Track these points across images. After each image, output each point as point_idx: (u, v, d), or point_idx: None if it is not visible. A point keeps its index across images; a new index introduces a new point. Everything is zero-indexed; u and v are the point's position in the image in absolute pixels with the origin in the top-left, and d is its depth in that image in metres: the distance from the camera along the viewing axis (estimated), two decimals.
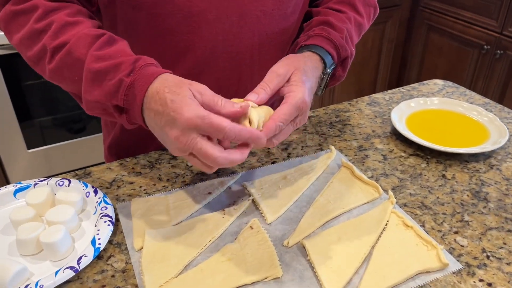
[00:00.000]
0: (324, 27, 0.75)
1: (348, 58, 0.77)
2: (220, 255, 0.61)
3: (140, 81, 0.58)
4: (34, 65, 0.69)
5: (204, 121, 0.53)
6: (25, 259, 0.60)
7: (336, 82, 0.79)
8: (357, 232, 0.64)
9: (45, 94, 1.87)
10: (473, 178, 0.77)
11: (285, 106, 0.62)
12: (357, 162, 0.81)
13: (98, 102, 0.61)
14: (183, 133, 0.54)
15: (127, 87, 0.58)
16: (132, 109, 0.59)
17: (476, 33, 2.19)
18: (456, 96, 1.05)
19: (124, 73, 0.59)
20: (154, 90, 0.57)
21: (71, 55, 0.62)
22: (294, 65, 0.66)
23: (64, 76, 0.64)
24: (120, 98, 0.59)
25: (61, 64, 0.63)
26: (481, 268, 0.59)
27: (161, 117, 0.56)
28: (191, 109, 0.53)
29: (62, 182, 0.71)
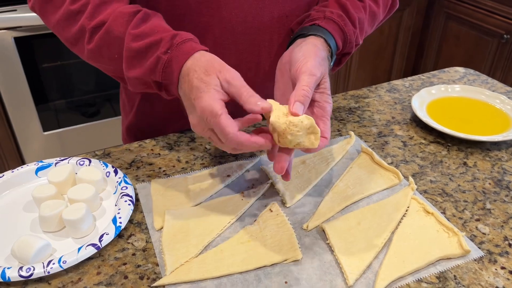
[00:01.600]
0: (342, 14, 0.72)
1: (349, 55, 0.76)
2: (240, 236, 0.61)
3: (177, 59, 0.59)
4: (72, 46, 0.69)
5: (214, 119, 0.53)
6: (47, 235, 0.61)
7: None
8: (377, 218, 0.64)
9: (61, 77, 1.88)
10: (495, 166, 0.76)
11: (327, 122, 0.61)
12: (376, 148, 0.80)
13: (139, 79, 0.63)
14: (198, 121, 0.56)
15: (164, 65, 0.59)
16: (170, 85, 0.60)
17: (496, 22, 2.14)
18: (478, 84, 1.03)
19: (162, 50, 0.59)
20: (186, 70, 0.57)
21: (110, 34, 0.63)
22: (325, 67, 0.64)
23: (103, 55, 0.65)
24: (158, 75, 0.60)
25: (101, 43, 0.64)
26: (503, 256, 0.59)
27: (186, 98, 0.58)
28: (209, 101, 0.54)
29: (83, 162, 0.72)
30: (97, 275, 0.56)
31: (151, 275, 0.56)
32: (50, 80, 1.86)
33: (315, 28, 0.70)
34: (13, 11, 1.65)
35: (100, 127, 2.07)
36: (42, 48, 1.77)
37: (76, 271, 0.56)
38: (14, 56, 1.70)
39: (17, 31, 1.67)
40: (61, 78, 1.89)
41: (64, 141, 1.99)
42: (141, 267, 0.57)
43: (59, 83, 1.89)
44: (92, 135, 2.07)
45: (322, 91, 0.63)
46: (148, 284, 0.55)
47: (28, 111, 1.84)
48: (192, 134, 0.83)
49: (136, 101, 0.88)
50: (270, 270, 0.57)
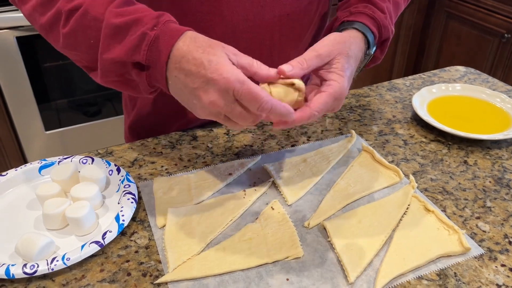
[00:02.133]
0: (367, 5, 0.71)
1: (388, 39, 0.74)
2: (241, 234, 0.62)
3: (165, 36, 0.54)
4: (47, 33, 0.64)
5: (242, 87, 0.51)
6: (51, 233, 0.62)
7: (373, 63, 0.76)
8: (378, 216, 0.64)
9: (63, 76, 1.89)
10: (496, 164, 0.76)
11: (324, 95, 0.59)
12: (377, 146, 0.81)
13: (116, 63, 0.57)
14: (219, 96, 0.52)
15: (151, 41, 0.54)
16: (155, 67, 0.55)
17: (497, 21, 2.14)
18: (478, 83, 1.03)
19: (148, 26, 0.55)
20: (185, 49, 0.53)
21: (87, 16, 0.58)
22: (339, 49, 0.62)
23: (79, 41, 0.60)
24: (142, 53, 0.55)
25: (76, 26, 0.59)
26: (503, 253, 0.59)
27: (193, 78, 0.53)
28: (230, 70, 0.51)
29: (86, 160, 0.72)
30: (100, 272, 0.56)
31: (154, 272, 0.56)
32: (52, 80, 1.87)
33: (344, 24, 0.70)
34: (15, 10, 1.66)
35: (101, 127, 2.08)
36: (44, 47, 1.77)
37: (79, 268, 0.57)
38: (16, 55, 1.71)
39: (19, 30, 1.68)
40: (63, 77, 1.89)
41: (66, 141, 2.00)
42: (144, 264, 0.58)
43: (61, 82, 1.90)
44: (94, 135, 2.07)
45: (331, 70, 0.61)
46: (151, 281, 0.55)
47: (30, 110, 1.85)
48: (194, 133, 0.84)
49: (138, 100, 0.89)
50: (271, 268, 0.57)
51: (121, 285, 0.55)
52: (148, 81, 0.58)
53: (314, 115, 0.57)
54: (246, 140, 0.82)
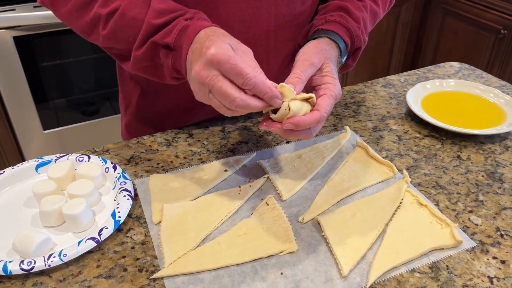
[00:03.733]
0: (343, 14, 0.74)
1: (360, 49, 0.76)
2: (237, 229, 0.62)
3: (194, 26, 0.59)
4: (87, 36, 0.70)
5: (229, 61, 0.53)
6: (48, 230, 0.62)
7: (344, 70, 0.78)
8: (372, 210, 0.65)
9: (60, 76, 1.89)
10: (488, 159, 0.77)
11: (326, 97, 0.61)
12: (371, 142, 0.81)
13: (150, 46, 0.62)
14: (205, 67, 0.54)
15: (182, 28, 0.60)
16: (180, 51, 0.60)
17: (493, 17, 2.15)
18: (473, 78, 1.04)
19: (184, 17, 0.61)
20: (202, 34, 0.58)
21: (125, 16, 0.63)
22: (325, 55, 0.66)
23: (119, 39, 0.65)
24: (172, 36, 0.60)
25: (116, 27, 0.64)
26: (494, 246, 0.60)
27: (194, 53, 0.57)
28: (221, 47, 0.54)
29: (82, 158, 0.73)
30: (97, 268, 0.57)
31: (150, 268, 0.57)
32: (50, 79, 1.87)
33: (319, 32, 0.72)
34: (12, 10, 1.66)
35: (100, 126, 2.08)
36: (41, 47, 1.78)
37: (76, 264, 0.58)
38: (13, 55, 1.71)
39: (16, 30, 1.68)
40: (60, 76, 1.90)
41: (64, 140, 2.01)
42: (140, 260, 0.58)
43: (58, 82, 1.90)
44: (92, 134, 2.08)
45: (324, 75, 0.64)
46: (147, 276, 0.56)
47: (28, 110, 1.85)
48: (190, 130, 0.84)
49: (134, 98, 0.89)
50: (266, 262, 0.58)
51: (117, 280, 0.55)
52: (173, 64, 0.62)
53: (323, 116, 0.60)
54: (242, 137, 0.83)
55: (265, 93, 0.55)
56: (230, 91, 0.54)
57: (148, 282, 0.55)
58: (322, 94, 0.62)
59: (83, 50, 1.87)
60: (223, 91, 0.54)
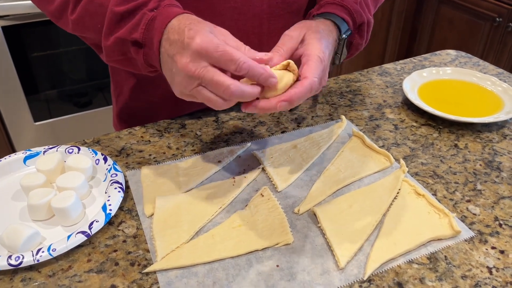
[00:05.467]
0: None
1: (364, 24, 0.73)
2: (231, 221, 0.61)
3: (162, 17, 0.56)
4: (57, 19, 0.68)
5: (217, 49, 0.51)
6: (37, 224, 0.61)
7: (355, 51, 0.76)
8: (369, 200, 0.64)
9: (51, 66, 1.86)
10: (486, 147, 0.76)
11: (310, 62, 0.59)
12: (368, 131, 0.80)
13: (118, 42, 0.60)
14: (192, 59, 0.52)
15: (148, 21, 0.57)
16: (150, 46, 0.58)
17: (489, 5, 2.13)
18: (469, 66, 1.03)
19: (148, 8, 0.58)
20: (176, 23, 0.55)
21: (93, 2, 0.61)
22: (307, 27, 0.64)
23: (87, 26, 0.64)
24: (140, 32, 0.58)
25: (83, 12, 0.62)
26: (493, 236, 0.59)
27: (174, 45, 0.54)
28: (205, 37, 0.52)
29: (72, 150, 0.71)
30: (87, 263, 0.56)
31: (142, 261, 0.56)
32: (40, 70, 1.84)
33: (315, 17, 0.70)
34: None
35: (92, 117, 2.06)
36: (31, 37, 1.74)
37: (66, 259, 0.56)
38: (2, 45, 1.67)
39: (5, 20, 1.65)
40: (51, 67, 1.87)
41: (56, 131, 1.98)
42: (132, 253, 0.57)
43: (49, 72, 1.87)
44: (84, 125, 2.05)
45: (306, 43, 0.62)
46: (139, 270, 0.55)
47: (18, 102, 1.82)
48: (182, 121, 0.82)
49: (126, 87, 0.87)
50: (261, 254, 0.56)
51: (108, 275, 0.54)
52: (145, 59, 0.60)
53: (314, 81, 0.57)
54: (236, 127, 0.81)
55: (260, 75, 0.53)
56: (223, 79, 0.52)
57: (141, 276, 0.54)
58: (306, 60, 0.59)
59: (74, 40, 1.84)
60: (216, 80, 0.52)
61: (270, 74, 0.54)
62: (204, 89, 0.54)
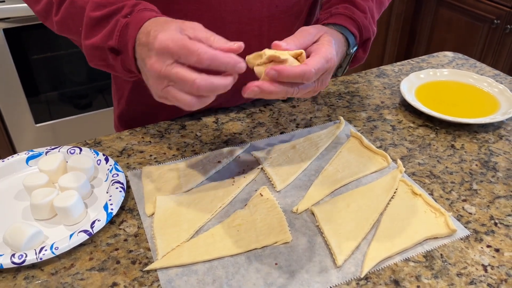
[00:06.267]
0: (347, 6, 0.72)
1: (370, 39, 0.74)
2: (231, 220, 0.62)
3: (134, 22, 0.57)
4: (44, 20, 0.70)
5: (176, 43, 0.50)
6: (39, 223, 0.62)
7: (356, 63, 0.76)
8: (366, 200, 0.65)
9: (52, 68, 1.87)
10: (482, 148, 0.77)
11: (316, 56, 0.58)
12: (366, 132, 0.81)
13: (96, 48, 0.61)
14: (157, 58, 0.52)
15: (122, 27, 0.58)
16: (126, 52, 0.58)
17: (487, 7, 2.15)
18: (466, 68, 1.04)
19: (122, 14, 0.59)
20: (146, 26, 0.55)
21: (74, 4, 0.62)
22: (324, 30, 0.64)
23: (70, 28, 0.65)
24: (115, 39, 0.58)
25: (66, 14, 0.64)
26: (488, 235, 0.60)
27: (143, 49, 0.54)
28: (167, 33, 0.51)
29: (74, 150, 0.72)
30: (89, 261, 0.56)
31: (143, 260, 0.57)
32: (41, 72, 1.85)
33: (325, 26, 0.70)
34: (1, 2, 1.64)
35: (92, 118, 2.07)
36: (32, 39, 1.75)
37: (68, 257, 0.57)
38: (3, 48, 1.69)
39: (6, 22, 1.66)
40: (52, 69, 1.88)
41: (57, 133, 1.99)
42: (133, 252, 0.58)
43: (50, 74, 1.88)
44: (85, 127, 2.06)
45: (320, 43, 0.61)
46: (140, 268, 0.56)
47: (19, 103, 1.83)
48: (182, 122, 0.83)
49: (126, 89, 0.88)
50: (260, 253, 0.57)
51: (110, 273, 0.55)
52: (123, 66, 0.60)
53: (310, 71, 0.55)
54: (235, 128, 0.82)
55: (227, 64, 0.51)
56: (187, 74, 0.50)
57: (141, 274, 0.55)
58: (313, 56, 0.58)
59: None
60: (180, 75, 0.50)
61: (236, 60, 0.51)
62: (173, 88, 0.52)
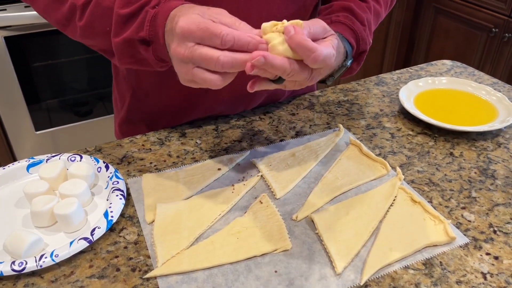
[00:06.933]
0: (348, 15, 0.72)
1: (365, 52, 0.74)
2: (230, 228, 0.62)
3: (163, 11, 0.58)
4: (64, 27, 0.69)
5: (199, 27, 0.51)
6: (39, 230, 0.62)
7: (348, 74, 0.76)
8: (365, 207, 0.65)
9: (52, 76, 1.88)
10: (481, 156, 0.77)
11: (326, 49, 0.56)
12: (365, 140, 0.81)
13: (126, 42, 0.61)
14: (179, 42, 0.53)
15: (151, 17, 0.59)
16: (157, 41, 0.59)
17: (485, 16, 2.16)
18: (465, 76, 1.04)
19: (151, 6, 0.60)
20: (172, 14, 0.56)
21: (100, 6, 0.63)
22: (333, 32, 0.62)
23: (96, 30, 0.65)
24: (145, 30, 0.59)
25: (92, 17, 0.64)
26: (488, 242, 0.60)
27: (169, 35, 0.56)
28: (188, 17, 0.52)
29: (74, 158, 0.72)
30: (89, 268, 0.57)
31: (143, 267, 0.57)
32: (42, 79, 1.86)
33: None
34: (3, 10, 1.65)
35: (93, 126, 2.07)
36: (33, 47, 1.76)
37: (68, 264, 0.57)
38: (4, 55, 1.70)
39: (8, 30, 1.67)
40: (52, 77, 1.89)
41: (57, 141, 1.99)
42: (133, 259, 0.58)
43: (51, 82, 1.89)
44: (85, 134, 2.07)
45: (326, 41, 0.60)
46: (140, 276, 0.56)
47: (20, 111, 1.84)
48: (183, 129, 0.84)
49: (127, 97, 0.89)
50: (260, 260, 0.57)
51: (110, 280, 0.55)
52: (155, 55, 0.61)
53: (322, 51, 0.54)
54: (235, 136, 0.82)
55: (248, 43, 0.52)
56: (211, 52, 0.51)
57: (141, 282, 0.55)
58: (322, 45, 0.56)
59: (75, 50, 1.86)
60: (204, 55, 0.51)
61: (258, 39, 0.53)
62: (199, 69, 0.53)
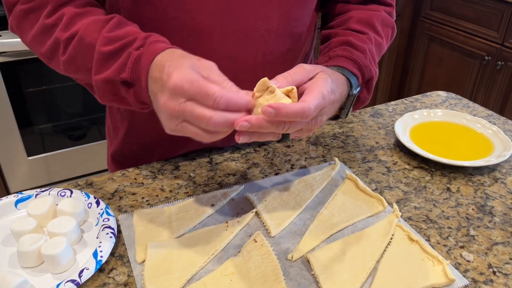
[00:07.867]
0: (346, 47, 0.72)
1: (373, 79, 0.73)
2: (223, 268, 0.60)
3: (147, 54, 0.56)
4: (49, 61, 0.69)
5: (192, 85, 0.50)
6: (25, 271, 0.60)
7: (361, 105, 0.75)
8: (362, 246, 0.64)
9: (45, 101, 1.87)
10: (478, 191, 0.76)
11: (312, 93, 0.56)
12: (361, 174, 0.80)
13: (107, 82, 0.60)
14: (170, 96, 0.52)
15: (134, 59, 0.58)
16: (139, 84, 0.58)
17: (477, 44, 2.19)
18: (459, 108, 1.04)
19: (134, 47, 0.59)
20: (159, 59, 0.55)
21: (83, 42, 0.62)
22: (322, 68, 0.63)
23: (78, 66, 0.64)
24: (127, 71, 0.58)
25: (74, 52, 0.63)
26: (487, 284, 0.59)
27: (156, 83, 0.54)
28: (182, 72, 0.51)
29: (64, 193, 0.71)
30: None
31: None
32: (35, 104, 1.85)
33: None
34: None
35: (86, 151, 2.05)
36: (27, 73, 1.76)
37: None
38: None
39: (2, 56, 1.67)
40: (46, 102, 1.88)
41: (50, 166, 1.97)
42: None
43: (44, 107, 1.88)
44: (78, 159, 2.05)
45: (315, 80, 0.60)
46: None
47: (11, 136, 1.82)
48: (176, 162, 0.83)
49: (121, 129, 0.88)
50: None
51: None
52: (136, 98, 0.60)
53: (309, 108, 0.54)
54: (230, 169, 0.81)
55: (241, 105, 0.52)
56: (203, 111, 0.50)
57: None
58: (308, 92, 0.57)
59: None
60: (196, 113, 0.51)
61: (248, 100, 0.53)
62: (189, 124, 0.53)
